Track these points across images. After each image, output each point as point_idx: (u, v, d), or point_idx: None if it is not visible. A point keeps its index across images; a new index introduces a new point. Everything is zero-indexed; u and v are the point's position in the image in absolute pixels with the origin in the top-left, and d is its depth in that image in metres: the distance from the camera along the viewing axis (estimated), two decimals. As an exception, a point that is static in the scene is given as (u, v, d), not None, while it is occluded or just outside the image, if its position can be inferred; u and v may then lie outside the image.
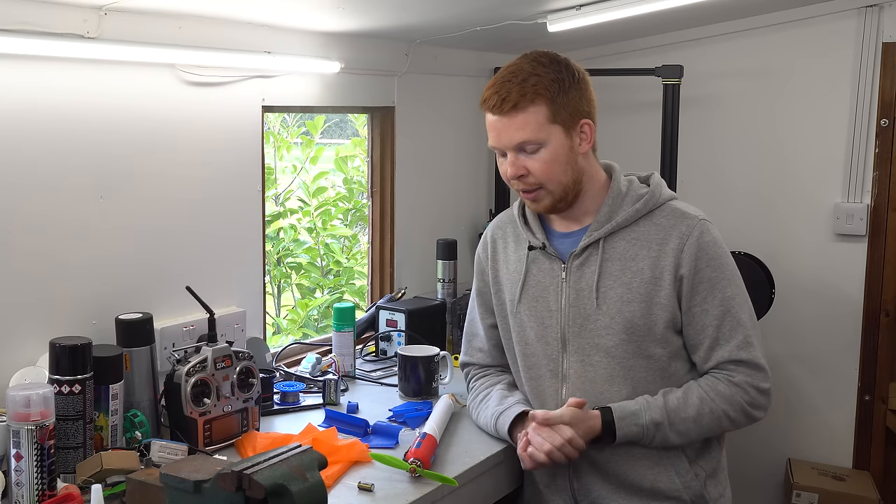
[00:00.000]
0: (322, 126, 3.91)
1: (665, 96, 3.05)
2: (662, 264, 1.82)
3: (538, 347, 1.92)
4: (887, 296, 3.14)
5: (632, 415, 1.80)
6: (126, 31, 1.95)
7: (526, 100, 1.77)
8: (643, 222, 1.86)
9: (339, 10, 2.31)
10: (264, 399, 2.11)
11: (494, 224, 2.08)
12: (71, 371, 1.70)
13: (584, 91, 1.83)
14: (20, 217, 1.86)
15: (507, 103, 1.78)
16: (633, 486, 1.86)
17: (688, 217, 1.85)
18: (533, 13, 2.63)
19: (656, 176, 1.94)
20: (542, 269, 1.92)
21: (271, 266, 3.83)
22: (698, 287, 1.82)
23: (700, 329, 1.84)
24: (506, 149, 1.83)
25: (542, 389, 1.92)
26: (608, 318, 1.83)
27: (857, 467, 3.24)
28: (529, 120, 1.78)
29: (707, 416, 1.81)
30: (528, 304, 1.93)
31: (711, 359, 1.84)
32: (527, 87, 1.77)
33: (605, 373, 1.85)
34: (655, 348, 1.84)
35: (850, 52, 3.13)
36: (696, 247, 1.81)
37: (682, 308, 1.83)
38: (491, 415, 1.96)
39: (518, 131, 1.79)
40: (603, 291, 1.84)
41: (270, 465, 1.37)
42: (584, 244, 1.86)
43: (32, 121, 1.86)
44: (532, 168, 1.81)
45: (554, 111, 1.78)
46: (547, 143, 1.80)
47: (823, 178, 3.21)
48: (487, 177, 3.39)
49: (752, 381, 1.83)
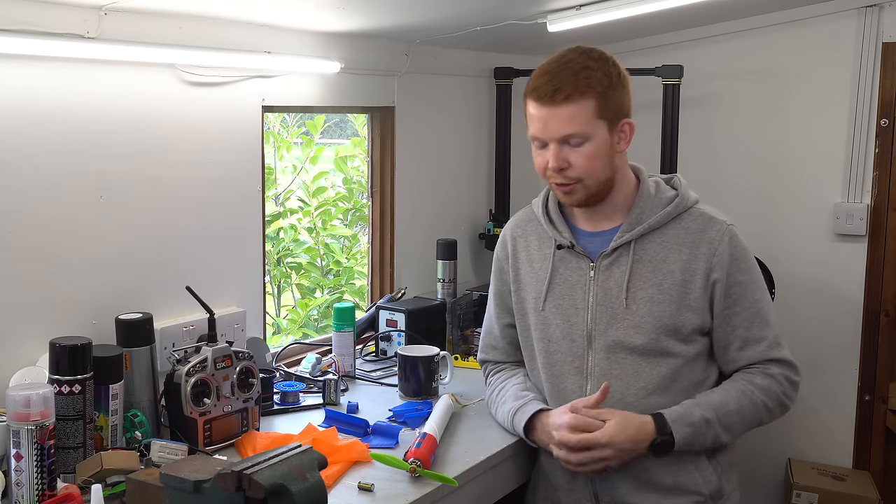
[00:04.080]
0: (322, 126, 3.91)
1: (665, 96, 3.05)
2: (693, 267, 1.85)
3: (563, 345, 1.92)
4: (887, 296, 3.15)
5: (681, 416, 1.82)
6: (126, 31, 1.95)
7: (578, 92, 1.78)
8: (672, 225, 1.88)
9: (339, 10, 2.31)
10: (264, 399, 2.11)
11: (513, 223, 2.08)
12: (71, 371, 1.70)
13: (627, 90, 1.86)
14: (20, 217, 1.86)
15: (559, 94, 1.78)
16: (655, 482, 1.87)
17: (717, 222, 1.88)
18: (533, 13, 2.63)
19: (682, 179, 1.96)
20: (570, 268, 1.93)
21: (271, 266, 3.83)
22: (730, 291, 1.86)
23: (730, 330, 1.88)
24: (551, 140, 1.82)
25: (565, 387, 1.93)
26: (637, 317, 1.85)
27: (857, 467, 3.24)
28: (579, 112, 1.78)
29: (748, 407, 1.85)
30: (555, 301, 1.94)
31: (742, 359, 1.89)
32: (579, 79, 1.78)
33: (630, 370, 1.87)
34: (681, 348, 1.86)
35: (850, 52, 3.13)
36: (728, 252, 1.85)
37: (713, 311, 1.87)
38: (507, 411, 1.98)
39: (566, 123, 1.79)
40: (633, 292, 1.86)
41: (270, 465, 1.37)
42: (615, 245, 1.88)
43: (32, 121, 1.86)
44: (574, 161, 1.82)
45: (602, 106, 1.79)
46: (592, 138, 1.80)
47: (823, 177, 3.21)
48: (487, 177, 3.39)
49: (785, 373, 1.88)
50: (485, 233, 3.30)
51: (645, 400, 1.85)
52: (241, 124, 2.34)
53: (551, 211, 1.98)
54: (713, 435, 1.83)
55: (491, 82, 3.33)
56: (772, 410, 1.89)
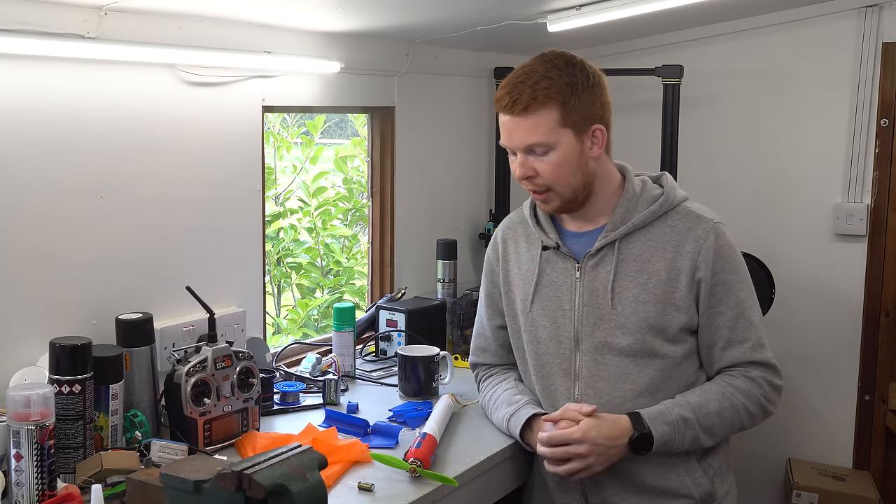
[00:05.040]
0: (322, 126, 3.91)
1: (665, 96, 3.05)
2: (678, 266, 1.84)
3: (550, 346, 1.92)
4: (887, 296, 3.14)
5: (659, 414, 1.80)
6: (126, 31, 1.95)
7: (537, 102, 1.77)
8: (658, 224, 1.87)
9: (339, 10, 2.31)
10: (264, 399, 2.11)
11: (505, 224, 2.08)
12: (71, 371, 1.70)
13: (599, 94, 1.83)
14: (20, 217, 1.86)
15: (518, 105, 1.78)
16: (644, 484, 1.86)
17: (703, 220, 1.87)
18: (533, 13, 2.63)
19: (669, 177, 1.95)
20: (556, 269, 1.93)
21: (271, 266, 3.83)
22: (715, 290, 1.84)
23: (714, 330, 1.86)
24: (515, 149, 1.83)
25: (554, 388, 1.93)
26: (623, 318, 1.84)
27: (857, 467, 3.24)
28: (539, 122, 1.78)
29: (728, 410, 1.83)
30: (542, 303, 1.93)
31: (724, 359, 1.87)
32: (538, 89, 1.77)
33: (618, 371, 1.86)
34: (668, 348, 1.85)
35: (850, 52, 3.13)
36: (713, 251, 1.84)
37: (699, 310, 1.85)
38: (503, 416, 1.98)
39: (528, 133, 1.79)
40: (618, 292, 1.85)
41: (270, 465, 1.37)
42: (599, 245, 1.87)
43: (32, 121, 1.86)
44: (540, 170, 1.82)
45: (565, 115, 1.78)
46: (556, 147, 1.79)
47: (823, 178, 3.21)
48: (487, 177, 3.39)
49: (766, 376, 1.86)
50: (485, 233, 3.31)
51: (633, 402, 1.84)
52: (241, 124, 2.34)
53: (539, 213, 1.98)
54: (692, 436, 1.81)
55: (491, 82, 3.33)
56: (752, 414, 1.86)
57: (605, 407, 1.84)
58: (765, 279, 3.05)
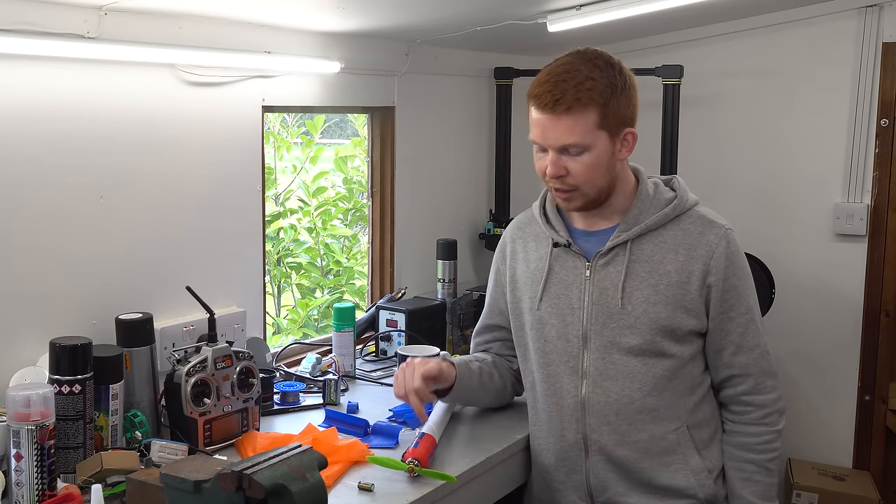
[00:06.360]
0: (322, 126, 3.91)
1: (665, 96, 3.05)
2: (690, 269, 1.85)
3: (558, 344, 1.93)
4: (887, 296, 3.15)
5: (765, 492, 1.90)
6: (126, 31, 1.95)
7: (580, 103, 1.75)
8: (670, 226, 1.88)
9: (339, 10, 2.31)
10: (264, 399, 2.11)
11: (513, 225, 2.09)
12: (71, 371, 1.70)
13: (632, 97, 1.83)
14: (20, 216, 1.86)
15: (560, 105, 1.75)
16: (650, 484, 1.87)
17: (715, 226, 1.88)
18: (533, 13, 2.63)
19: (680, 180, 1.96)
20: (566, 267, 1.93)
21: (271, 266, 3.83)
22: (726, 296, 1.86)
23: (724, 335, 1.88)
24: (550, 148, 1.81)
25: (560, 386, 1.93)
26: (633, 317, 1.85)
27: (857, 467, 3.24)
28: (579, 123, 1.76)
29: (773, 462, 1.92)
30: (551, 301, 1.94)
31: (735, 364, 1.89)
32: (582, 90, 1.75)
33: (626, 370, 1.86)
34: (676, 348, 1.86)
35: (850, 53, 3.13)
36: (725, 256, 1.85)
37: (709, 315, 1.87)
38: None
39: (565, 133, 1.77)
40: (629, 292, 1.85)
41: (270, 465, 1.37)
42: (611, 244, 1.88)
43: (33, 121, 1.86)
44: (573, 170, 1.81)
45: (603, 117, 1.77)
46: (592, 148, 1.79)
47: (823, 177, 3.22)
48: (487, 177, 3.39)
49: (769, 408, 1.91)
50: (485, 233, 3.31)
51: (641, 401, 1.85)
52: (241, 124, 2.34)
53: (549, 211, 1.98)
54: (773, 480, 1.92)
55: (491, 82, 3.33)
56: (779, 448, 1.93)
57: (613, 405, 1.86)
58: (765, 279, 3.05)
